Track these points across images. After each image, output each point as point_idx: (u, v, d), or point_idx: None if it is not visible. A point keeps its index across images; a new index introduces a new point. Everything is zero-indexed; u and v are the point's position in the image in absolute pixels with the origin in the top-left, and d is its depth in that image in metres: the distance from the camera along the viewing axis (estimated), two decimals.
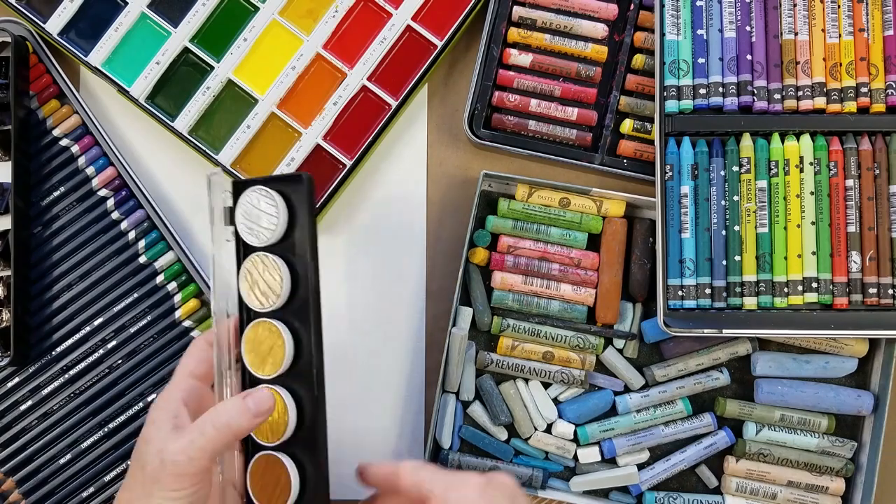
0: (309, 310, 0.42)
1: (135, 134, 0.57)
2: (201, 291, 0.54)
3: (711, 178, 0.52)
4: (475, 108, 0.54)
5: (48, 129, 0.55)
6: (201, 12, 0.54)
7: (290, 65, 0.54)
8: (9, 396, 0.54)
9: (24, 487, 0.54)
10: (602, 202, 0.54)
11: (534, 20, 0.55)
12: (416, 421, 0.55)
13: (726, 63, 0.52)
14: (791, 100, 0.52)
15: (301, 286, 0.43)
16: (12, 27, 0.54)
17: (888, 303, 0.52)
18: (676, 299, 0.52)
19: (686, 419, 0.54)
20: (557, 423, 0.54)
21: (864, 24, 0.52)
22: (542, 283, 0.54)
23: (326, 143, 0.54)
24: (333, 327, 0.56)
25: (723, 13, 0.53)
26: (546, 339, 0.54)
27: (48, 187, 0.55)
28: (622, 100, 0.55)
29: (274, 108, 0.54)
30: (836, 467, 0.53)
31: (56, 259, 0.54)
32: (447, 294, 0.56)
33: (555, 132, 0.55)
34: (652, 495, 0.54)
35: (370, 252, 0.56)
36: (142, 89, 0.54)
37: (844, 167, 0.52)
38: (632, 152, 0.55)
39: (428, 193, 0.57)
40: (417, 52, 0.54)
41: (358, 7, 0.55)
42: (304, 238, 0.43)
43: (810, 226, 0.52)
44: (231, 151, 0.54)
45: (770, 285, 0.52)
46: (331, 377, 0.55)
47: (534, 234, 0.54)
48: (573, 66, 0.55)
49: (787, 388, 0.53)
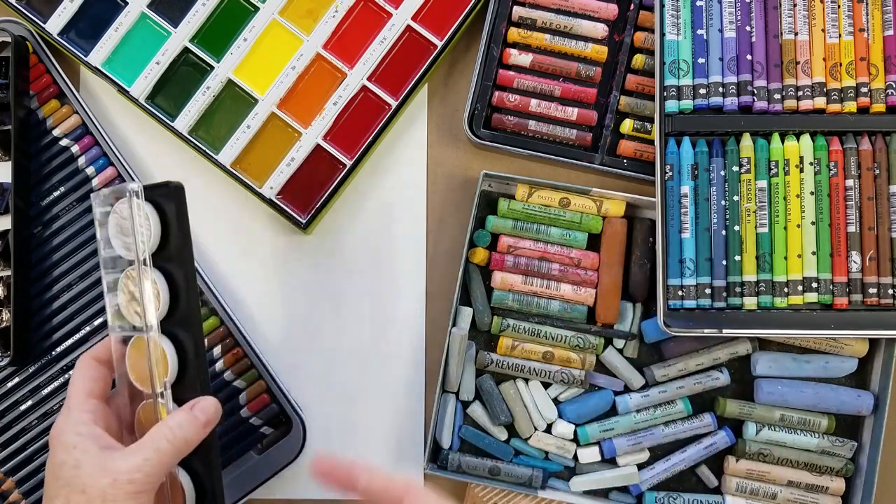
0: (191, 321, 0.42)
1: (135, 134, 0.57)
2: (201, 291, 0.54)
3: (711, 178, 0.52)
4: (475, 108, 0.54)
5: (48, 129, 0.55)
6: (201, 12, 0.54)
7: (290, 65, 0.54)
8: (9, 396, 0.54)
9: (25, 487, 0.54)
10: (602, 202, 0.54)
11: (534, 20, 0.55)
12: (416, 421, 0.55)
13: (726, 63, 0.52)
14: (791, 100, 0.52)
15: (181, 298, 0.42)
16: (12, 27, 0.54)
17: (888, 303, 0.52)
18: (676, 299, 0.52)
19: (686, 419, 0.54)
20: (557, 423, 0.54)
21: (864, 24, 0.52)
22: (542, 283, 0.54)
23: (326, 143, 0.54)
24: (333, 327, 0.56)
25: (723, 13, 0.53)
26: (546, 339, 0.54)
27: (48, 187, 0.55)
28: (622, 100, 0.55)
29: (274, 108, 0.54)
30: (836, 467, 0.53)
31: (56, 259, 0.54)
32: (447, 294, 0.56)
33: (555, 132, 0.55)
34: (652, 495, 0.54)
35: (370, 252, 0.56)
36: (142, 89, 0.54)
37: (844, 167, 0.52)
38: (632, 152, 0.55)
39: (428, 193, 0.57)
40: (417, 52, 0.54)
41: (358, 7, 0.55)
42: (178, 248, 0.42)
43: (810, 226, 0.52)
44: (231, 151, 0.54)
45: (770, 285, 0.52)
46: (331, 377, 0.56)
47: (534, 234, 0.54)
48: (573, 66, 0.55)
49: (787, 388, 0.53)
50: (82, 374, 0.43)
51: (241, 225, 0.56)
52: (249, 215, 0.56)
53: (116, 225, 0.43)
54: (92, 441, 0.40)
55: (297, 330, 0.56)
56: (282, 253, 0.56)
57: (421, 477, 0.55)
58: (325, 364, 0.56)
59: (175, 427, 0.40)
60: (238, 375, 0.54)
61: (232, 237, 0.56)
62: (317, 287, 0.56)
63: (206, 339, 0.54)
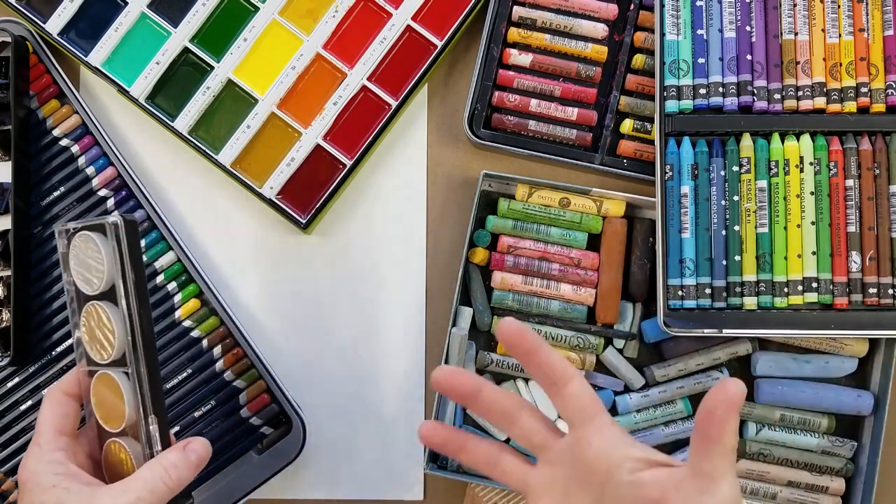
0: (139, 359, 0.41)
1: (135, 134, 0.57)
2: (201, 291, 0.54)
3: (711, 178, 0.52)
4: (475, 108, 0.54)
5: (48, 129, 0.55)
6: (201, 12, 0.54)
7: (290, 65, 0.54)
8: (9, 396, 0.54)
9: None
10: (602, 202, 0.54)
11: (534, 20, 0.55)
12: (416, 421, 0.55)
13: (726, 63, 0.52)
14: (791, 100, 0.52)
15: (136, 332, 0.41)
16: (12, 27, 0.54)
17: (888, 303, 0.52)
18: (676, 299, 0.52)
19: (686, 419, 0.54)
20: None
21: (864, 24, 0.52)
22: (542, 283, 0.54)
23: (326, 143, 0.54)
24: (333, 327, 0.56)
25: (723, 13, 0.53)
26: (546, 339, 0.54)
27: (48, 187, 0.55)
28: (622, 100, 0.55)
29: (274, 108, 0.54)
30: (836, 467, 0.53)
31: (56, 259, 0.54)
32: (447, 294, 0.56)
33: (555, 132, 0.55)
34: None
35: (370, 252, 0.56)
36: (142, 89, 0.54)
37: (844, 167, 0.52)
38: (632, 152, 0.55)
39: (428, 193, 0.57)
40: (417, 52, 0.54)
41: (358, 7, 0.55)
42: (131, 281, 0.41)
43: (810, 226, 0.52)
44: (231, 151, 0.54)
45: (770, 285, 0.52)
46: (331, 377, 0.56)
47: (534, 234, 0.54)
48: (573, 66, 0.55)
49: (787, 388, 0.53)
50: (52, 410, 0.42)
51: (241, 225, 0.56)
52: (249, 215, 0.56)
53: (75, 258, 0.43)
54: (72, 479, 0.39)
55: (297, 330, 0.56)
56: (282, 253, 0.56)
57: (421, 477, 0.55)
58: (325, 364, 0.56)
59: (170, 468, 0.40)
60: (238, 375, 0.54)
61: (232, 237, 0.56)
62: (317, 287, 0.56)
63: (207, 339, 0.54)
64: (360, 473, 0.55)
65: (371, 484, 0.55)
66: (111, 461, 0.43)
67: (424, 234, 0.57)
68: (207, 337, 0.54)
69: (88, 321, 0.43)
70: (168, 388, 0.53)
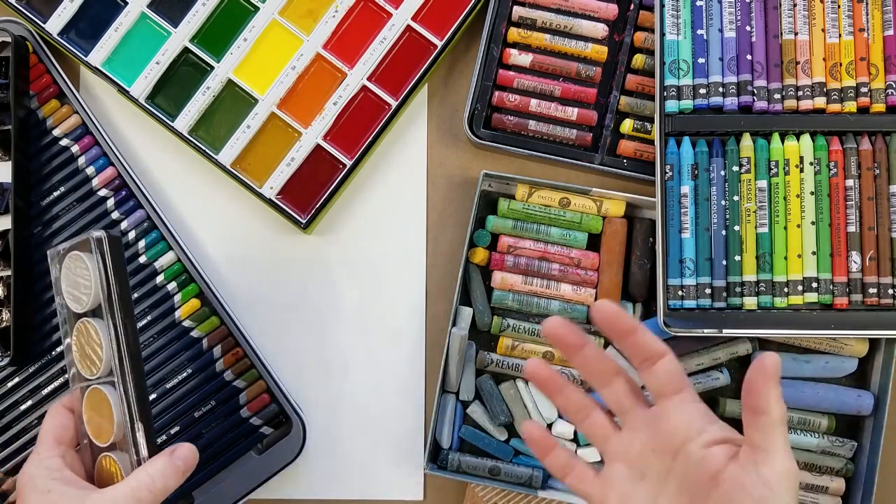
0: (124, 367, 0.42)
1: (135, 134, 0.57)
2: (201, 291, 0.54)
3: (711, 178, 0.52)
4: (475, 108, 0.54)
5: (48, 129, 0.55)
6: (201, 12, 0.54)
7: (290, 65, 0.54)
8: (9, 396, 0.54)
9: None
10: (602, 202, 0.54)
11: (534, 20, 0.55)
12: (416, 421, 0.55)
13: (726, 63, 0.52)
14: (791, 100, 0.52)
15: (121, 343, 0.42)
16: (12, 27, 0.54)
17: (888, 303, 0.52)
18: (676, 299, 0.52)
19: None
20: (557, 423, 0.54)
21: (864, 24, 0.52)
22: (542, 283, 0.54)
23: (326, 143, 0.54)
24: (333, 327, 0.56)
25: (723, 13, 0.53)
26: (546, 340, 0.53)
27: (48, 187, 0.55)
28: (622, 100, 0.55)
29: (274, 108, 0.54)
30: (836, 467, 0.53)
31: None
32: (447, 294, 0.56)
33: (555, 132, 0.55)
34: None
35: (370, 252, 0.56)
36: (142, 89, 0.54)
37: (844, 167, 0.52)
38: (632, 152, 0.55)
39: (428, 193, 0.57)
40: (417, 52, 0.54)
41: (358, 7, 0.55)
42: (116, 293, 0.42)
43: (810, 226, 0.52)
44: (231, 151, 0.54)
45: (770, 285, 0.52)
46: (331, 377, 0.56)
47: (534, 234, 0.54)
48: (573, 66, 0.55)
49: (787, 388, 0.53)
50: (52, 420, 0.44)
51: (241, 225, 0.56)
52: (249, 215, 0.56)
53: (66, 278, 0.44)
54: (67, 484, 0.41)
55: (297, 330, 0.56)
56: (282, 253, 0.56)
57: (421, 477, 0.55)
58: (325, 364, 0.56)
59: (156, 476, 0.41)
60: (238, 375, 0.54)
61: (232, 237, 0.56)
62: (317, 287, 0.56)
63: (207, 339, 0.54)
64: (360, 473, 0.55)
65: (371, 484, 0.55)
66: (103, 476, 0.44)
67: (424, 234, 0.57)
68: (207, 337, 0.54)
69: (79, 339, 0.43)
70: (168, 388, 0.53)
